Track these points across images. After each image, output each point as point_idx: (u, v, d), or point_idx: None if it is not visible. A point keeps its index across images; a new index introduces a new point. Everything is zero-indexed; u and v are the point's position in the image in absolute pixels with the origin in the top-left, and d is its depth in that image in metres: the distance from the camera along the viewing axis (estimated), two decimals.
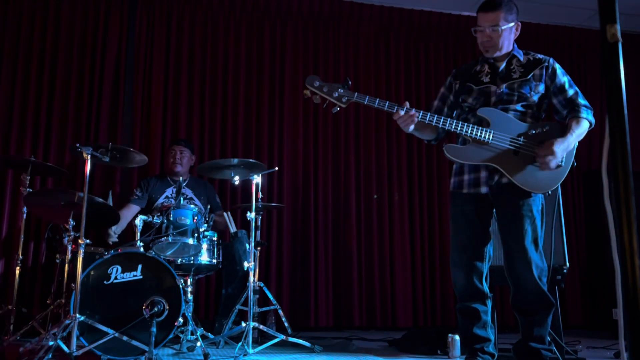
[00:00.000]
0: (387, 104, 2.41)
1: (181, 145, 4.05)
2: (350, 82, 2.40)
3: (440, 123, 2.43)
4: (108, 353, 2.73)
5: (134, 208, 3.87)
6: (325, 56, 5.10)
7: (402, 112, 2.40)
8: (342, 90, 2.38)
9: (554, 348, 2.65)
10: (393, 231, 4.98)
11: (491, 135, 2.44)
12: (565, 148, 2.46)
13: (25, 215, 3.42)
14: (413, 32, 5.32)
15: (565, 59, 5.56)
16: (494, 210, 2.58)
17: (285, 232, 4.72)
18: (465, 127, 2.43)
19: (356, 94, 2.39)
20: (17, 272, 3.36)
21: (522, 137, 2.46)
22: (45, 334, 2.73)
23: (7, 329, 3.17)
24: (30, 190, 3.28)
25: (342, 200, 4.93)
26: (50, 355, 2.49)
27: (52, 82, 4.46)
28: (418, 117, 2.40)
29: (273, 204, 4.07)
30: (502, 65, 2.59)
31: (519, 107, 2.52)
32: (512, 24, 2.54)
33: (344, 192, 4.94)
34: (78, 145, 2.80)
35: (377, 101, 2.39)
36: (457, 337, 3.03)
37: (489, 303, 2.58)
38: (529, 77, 2.54)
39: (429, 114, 2.44)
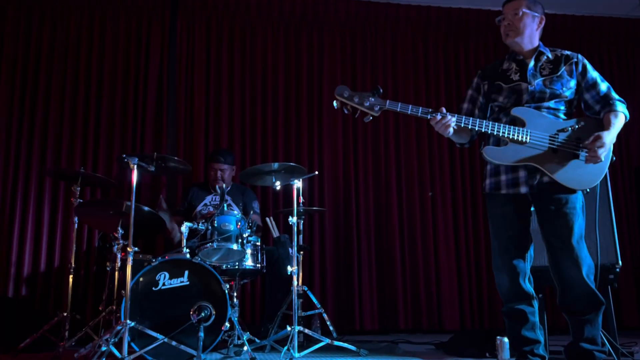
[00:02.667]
0: (420, 109, 2.39)
1: (220, 163, 4.06)
2: (381, 90, 2.35)
3: (477, 126, 2.39)
4: (158, 358, 2.79)
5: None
6: (363, 59, 5.09)
7: (438, 117, 2.37)
8: (373, 99, 2.35)
9: (609, 349, 2.56)
10: (437, 232, 4.92)
11: (528, 135, 2.39)
12: (612, 140, 2.42)
13: (76, 225, 3.54)
14: (452, 31, 5.26)
15: (612, 52, 5.37)
16: (533, 209, 2.53)
17: (328, 236, 4.72)
18: (501, 128, 2.39)
19: (388, 101, 2.36)
20: (71, 280, 3.47)
21: (559, 135, 2.41)
22: (98, 340, 2.81)
23: (62, 335, 3.29)
24: (81, 200, 3.40)
25: (384, 203, 4.90)
26: None
27: (99, 96, 4.60)
28: (453, 122, 2.37)
29: (314, 208, 4.08)
30: (531, 62, 2.54)
31: (552, 104, 2.47)
32: (536, 14, 2.54)
33: (386, 194, 4.91)
34: (124, 156, 2.89)
35: (410, 107, 2.37)
36: (505, 340, 2.95)
37: (536, 304, 2.52)
38: (559, 73, 2.49)
39: (463, 117, 2.40)
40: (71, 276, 3.48)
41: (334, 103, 2.35)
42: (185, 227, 3.13)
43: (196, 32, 4.84)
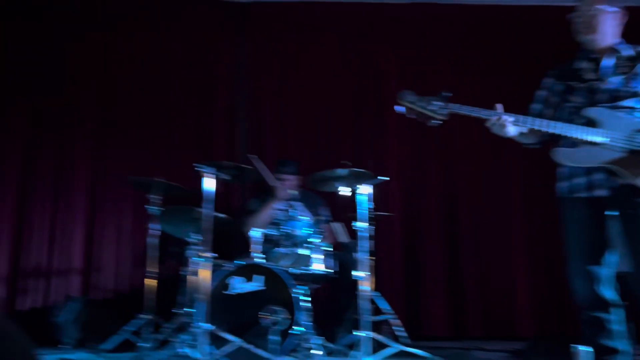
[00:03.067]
0: (482, 111, 2.34)
1: (284, 174, 4.10)
2: (445, 94, 2.32)
3: (538, 126, 2.32)
4: None
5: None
6: (431, 62, 5.03)
7: (494, 118, 2.32)
8: (437, 103, 2.32)
9: None
10: (510, 237, 4.77)
11: (603, 137, 2.28)
12: None
13: (155, 231, 3.71)
14: (519, 31, 5.09)
15: None
16: (610, 213, 2.41)
17: (396, 241, 4.69)
18: (574, 130, 2.30)
19: (450, 104, 2.32)
20: (150, 284, 3.64)
21: (637, 135, 2.28)
22: (177, 342, 2.94)
23: (143, 336, 3.45)
24: (160, 208, 3.57)
25: (453, 207, 4.82)
26: None
27: (174, 109, 4.81)
28: (510, 122, 2.31)
29: (382, 213, 4.07)
30: (607, 60, 2.42)
31: (629, 103, 2.35)
32: (613, 9, 2.42)
33: (455, 199, 4.83)
34: (200, 166, 3.01)
35: (474, 110, 2.33)
36: (583, 348, 2.83)
37: (619, 312, 2.40)
38: (637, 70, 2.36)
39: (521, 117, 2.33)
40: (150, 280, 3.65)
41: (399, 107, 2.35)
42: (258, 233, 3.21)
43: (264, 45, 4.96)
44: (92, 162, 4.65)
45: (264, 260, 3.20)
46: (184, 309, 3.32)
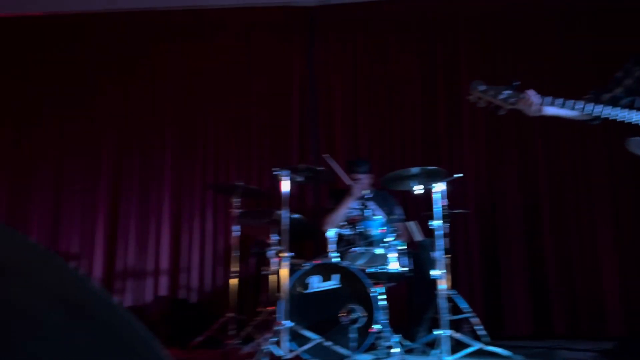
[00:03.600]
0: (565, 100, 2.28)
1: (357, 174, 4.09)
2: (517, 83, 2.30)
3: (620, 117, 2.22)
4: (314, 357, 2.95)
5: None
6: (503, 56, 4.90)
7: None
8: (508, 92, 2.29)
9: None
10: (596, 232, 4.54)
11: None
12: None
13: (235, 233, 3.86)
14: (603, 19, 4.84)
15: None
16: None
17: (473, 239, 4.60)
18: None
19: (522, 93, 2.29)
20: (234, 283, 3.79)
21: None
22: (260, 339, 3.05)
23: (228, 334, 3.60)
24: (239, 211, 3.71)
25: (532, 202, 4.65)
26: (266, 359, 2.77)
27: (249, 116, 4.97)
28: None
29: (457, 211, 4.01)
30: None
31: None
32: None
33: (534, 194, 4.66)
34: (276, 169, 3.12)
35: (554, 100, 2.27)
36: None
37: None
38: None
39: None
40: (234, 280, 3.81)
41: (469, 96, 2.35)
42: (332, 232, 3.27)
43: (333, 47, 5.03)
44: (175, 172, 4.90)
45: (340, 260, 3.25)
46: (266, 307, 3.43)
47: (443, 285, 3.12)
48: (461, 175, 3.44)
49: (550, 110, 2.35)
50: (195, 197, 4.82)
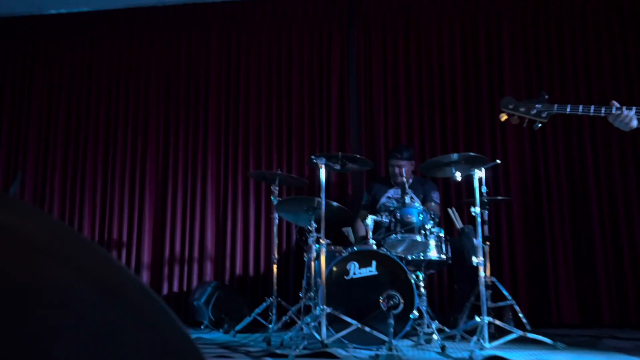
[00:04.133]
0: (592, 108, 2.21)
1: (398, 160, 4.11)
2: (546, 96, 2.25)
3: None
4: (353, 342, 2.98)
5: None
6: (546, 41, 4.76)
7: (615, 111, 2.18)
8: (539, 106, 2.25)
9: None
10: None
11: None
12: None
13: (276, 220, 3.93)
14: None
15: None
16: None
17: (516, 226, 4.53)
18: None
19: (556, 105, 2.24)
20: (275, 269, 3.87)
21: None
22: (300, 324, 3.10)
23: (270, 318, 3.68)
24: (280, 199, 3.77)
25: (580, 190, 4.54)
26: (305, 343, 2.83)
27: (289, 104, 5.02)
28: (632, 114, 2.15)
29: (499, 198, 3.95)
30: None
31: None
32: None
33: (581, 180, 4.55)
34: (314, 157, 3.15)
35: (580, 108, 2.21)
36: None
37: None
38: None
39: None
40: (275, 266, 3.88)
41: (501, 115, 2.32)
42: (370, 220, 3.29)
43: (372, 35, 5.00)
44: (218, 160, 5.00)
45: (380, 247, 3.26)
46: (307, 293, 3.48)
47: (483, 272, 3.09)
48: (498, 162, 3.37)
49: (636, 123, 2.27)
50: (238, 186, 4.91)
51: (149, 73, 5.23)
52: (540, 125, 2.29)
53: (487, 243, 3.66)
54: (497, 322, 3.12)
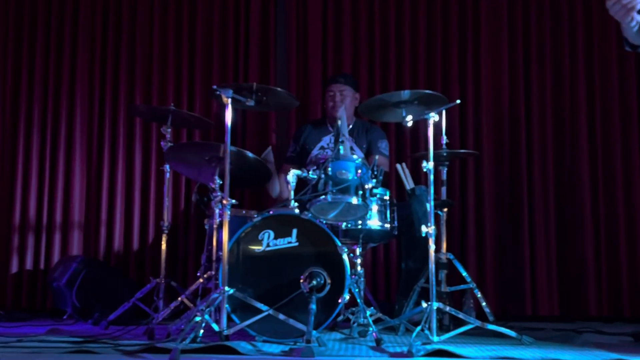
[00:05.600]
0: None
1: (340, 84, 4.19)
2: None
3: None
4: (263, 334, 3.03)
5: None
6: None
7: None
8: None
9: None
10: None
11: None
12: None
13: (168, 174, 3.92)
14: None
15: None
16: None
17: (487, 189, 4.69)
18: None
19: None
20: (164, 241, 3.88)
21: None
22: (194, 310, 3.13)
23: (156, 304, 3.71)
24: (172, 144, 3.76)
25: (569, 144, 4.74)
26: (201, 334, 2.86)
27: (193, 22, 4.95)
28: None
29: (463, 151, 4.06)
30: None
31: None
32: None
33: (571, 132, 4.75)
34: (216, 87, 3.12)
35: None
36: None
37: None
38: None
39: None
40: (165, 236, 3.89)
41: None
42: (292, 176, 3.30)
43: None
44: (91, 91, 4.92)
45: (305, 211, 3.30)
46: (207, 272, 3.51)
47: (433, 245, 3.19)
48: (458, 102, 3.42)
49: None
50: (119, 127, 4.85)
51: None
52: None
53: (445, 209, 3.79)
54: (450, 309, 3.26)
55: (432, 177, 3.21)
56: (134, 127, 4.86)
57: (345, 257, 3.14)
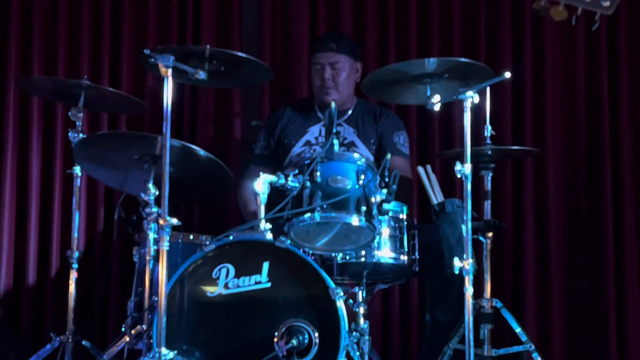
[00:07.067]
0: None
1: (331, 52, 4.17)
2: None
3: None
4: None
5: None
6: None
7: None
8: None
9: None
10: None
11: None
12: None
13: (79, 180, 3.91)
14: None
15: None
16: None
17: (553, 204, 4.74)
18: None
19: None
20: (73, 279, 3.87)
21: None
22: None
23: None
24: (84, 136, 3.76)
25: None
26: None
27: None
28: None
29: (517, 148, 4.08)
30: None
31: None
32: None
33: None
34: (150, 52, 3.09)
35: None
36: None
37: None
38: None
39: None
40: (74, 272, 3.88)
41: (535, 5, 2.41)
42: (263, 184, 3.29)
43: None
44: None
45: (280, 237, 3.30)
46: (136, 325, 3.50)
47: (470, 287, 3.20)
48: (507, 76, 3.42)
49: None
50: (9, 111, 4.84)
51: None
52: (597, 24, 2.41)
53: (489, 235, 3.79)
54: None
55: (469, 185, 3.21)
56: (30, 109, 4.85)
57: (340, 304, 3.14)
